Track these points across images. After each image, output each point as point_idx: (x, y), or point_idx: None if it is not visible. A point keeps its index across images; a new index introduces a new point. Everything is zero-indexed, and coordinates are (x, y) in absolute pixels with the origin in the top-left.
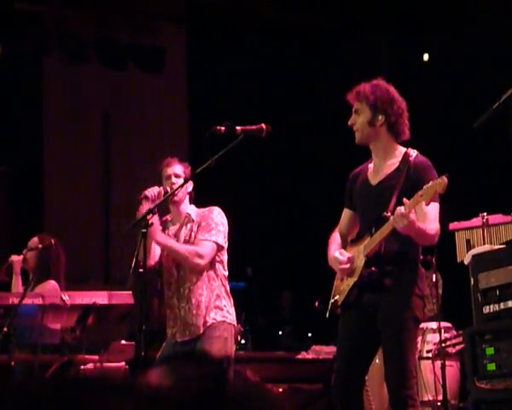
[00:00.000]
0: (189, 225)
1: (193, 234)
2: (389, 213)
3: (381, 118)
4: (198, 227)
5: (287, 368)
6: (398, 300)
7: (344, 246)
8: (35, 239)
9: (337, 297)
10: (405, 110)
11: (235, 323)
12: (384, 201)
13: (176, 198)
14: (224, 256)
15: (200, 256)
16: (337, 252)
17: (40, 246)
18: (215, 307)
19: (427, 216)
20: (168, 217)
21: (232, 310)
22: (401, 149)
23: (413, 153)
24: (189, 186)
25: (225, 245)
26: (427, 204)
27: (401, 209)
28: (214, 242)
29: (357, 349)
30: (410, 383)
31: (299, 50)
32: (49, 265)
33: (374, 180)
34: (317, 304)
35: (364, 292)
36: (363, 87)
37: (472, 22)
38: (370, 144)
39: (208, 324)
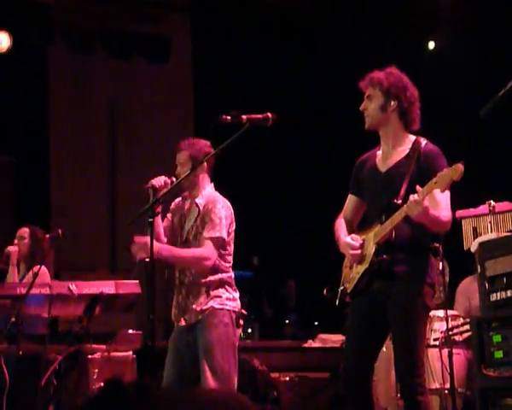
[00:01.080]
0: (193, 216)
1: (195, 226)
2: (400, 201)
3: (393, 104)
4: (202, 221)
5: (293, 357)
6: (408, 288)
7: (349, 232)
8: (25, 229)
9: (347, 285)
10: (418, 99)
11: (235, 309)
12: (394, 188)
13: (184, 186)
14: (228, 248)
15: (206, 259)
16: (348, 237)
17: (29, 236)
18: (214, 295)
19: (440, 204)
20: (186, 194)
21: (233, 296)
22: (411, 137)
23: (423, 141)
24: (201, 170)
25: (230, 236)
26: (443, 191)
27: (415, 196)
28: (218, 237)
29: (367, 337)
30: (420, 371)
31: (304, 39)
32: (40, 254)
33: (383, 167)
34: (325, 292)
35: (375, 280)
36: (376, 74)
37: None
38: (380, 130)
39: (206, 312)
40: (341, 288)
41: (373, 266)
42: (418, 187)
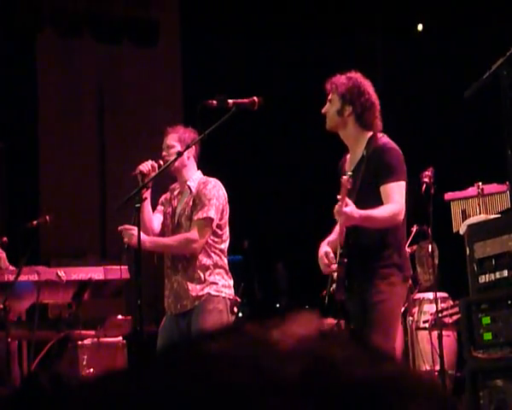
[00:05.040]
0: (186, 198)
1: (187, 209)
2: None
3: (348, 108)
4: (194, 203)
5: None
6: (375, 287)
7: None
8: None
9: (334, 285)
10: (375, 103)
11: (230, 296)
12: (353, 191)
13: (172, 168)
14: (221, 230)
15: (193, 241)
16: (324, 250)
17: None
18: (210, 282)
19: (389, 197)
20: (175, 185)
21: (229, 283)
22: (368, 135)
23: (379, 135)
24: (189, 152)
25: (222, 217)
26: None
27: (336, 206)
28: (206, 218)
29: (363, 331)
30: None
31: (295, 23)
32: None
33: (349, 170)
34: (324, 293)
35: (351, 279)
36: (337, 78)
37: None
38: (340, 133)
39: (202, 298)
40: (331, 288)
41: (338, 270)
42: (338, 196)
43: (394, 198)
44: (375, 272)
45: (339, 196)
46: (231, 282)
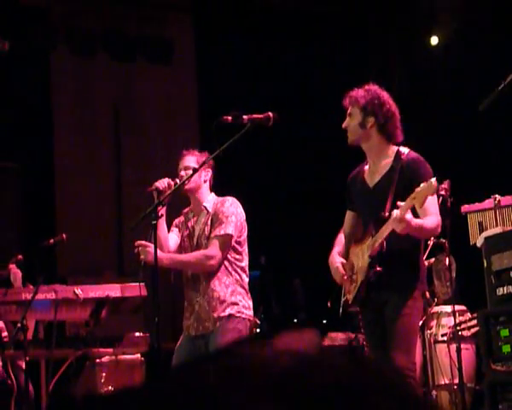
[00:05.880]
0: (203, 219)
1: (207, 228)
2: (387, 214)
3: (370, 120)
4: (212, 222)
5: None
6: (401, 296)
7: (348, 246)
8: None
9: (348, 296)
10: (396, 113)
11: (250, 318)
12: (381, 201)
13: (187, 187)
14: (241, 247)
15: (210, 258)
16: (339, 262)
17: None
18: (231, 302)
19: (427, 210)
20: (188, 209)
21: (249, 304)
22: (393, 149)
23: (405, 150)
24: (205, 175)
25: (241, 235)
26: (421, 207)
27: (397, 213)
28: (224, 235)
29: (381, 344)
30: (413, 368)
31: (308, 38)
32: None
33: (371, 182)
34: (329, 304)
35: (371, 290)
36: (355, 92)
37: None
38: (363, 146)
39: (222, 319)
40: (343, 299)
41: (368, 278)
42: (399, 203)
43: (433, 211)
44: (402, 284)
45: (401, 203)
46: (251, 303)
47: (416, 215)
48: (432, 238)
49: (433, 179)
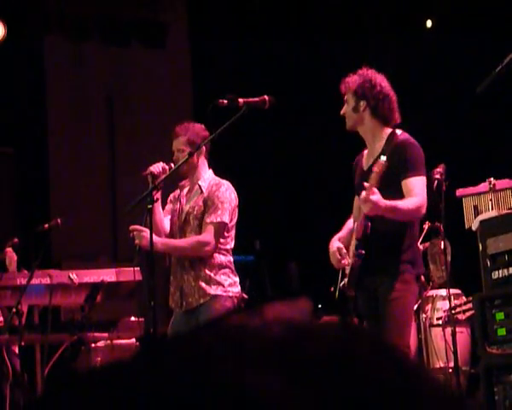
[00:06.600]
0: (196, 197)
1: (197, 208)
2: None
3: (362, 104)
4: (205, 205)
5: None
6: (389, 283)
7: (353, 231)
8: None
9: (345, 280)
10: (390, 95)
11: (237, 294)
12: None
13: (183, 171)
14: (228, 232)
15: (206, 244)
16: (336, 246)
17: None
18: (217, 282)
19: (412, 191)
20: (185, 182)
21: (234, 280)
22: (387, 131)
23: (398, 132)
24: (199, 154)
25: (232, 220)
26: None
27: (362, 194)
28: (220, 222)
29: (374, 327)
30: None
31: (304, 22)
32: None
33: (366, 165)
34: (332, 289)
35: (365, 275)
36: (349, 78)
37: None
38: (359, 130)
39: (208, 297)
40: (341, 283)
41: (356, 262)
42: (365, 183)
43: (417, 192)
44: (390, 267)
45: (366, 184)
46: (237, 279)
47: (401, 196)
48: (427, 222)
49: (383, 157)
